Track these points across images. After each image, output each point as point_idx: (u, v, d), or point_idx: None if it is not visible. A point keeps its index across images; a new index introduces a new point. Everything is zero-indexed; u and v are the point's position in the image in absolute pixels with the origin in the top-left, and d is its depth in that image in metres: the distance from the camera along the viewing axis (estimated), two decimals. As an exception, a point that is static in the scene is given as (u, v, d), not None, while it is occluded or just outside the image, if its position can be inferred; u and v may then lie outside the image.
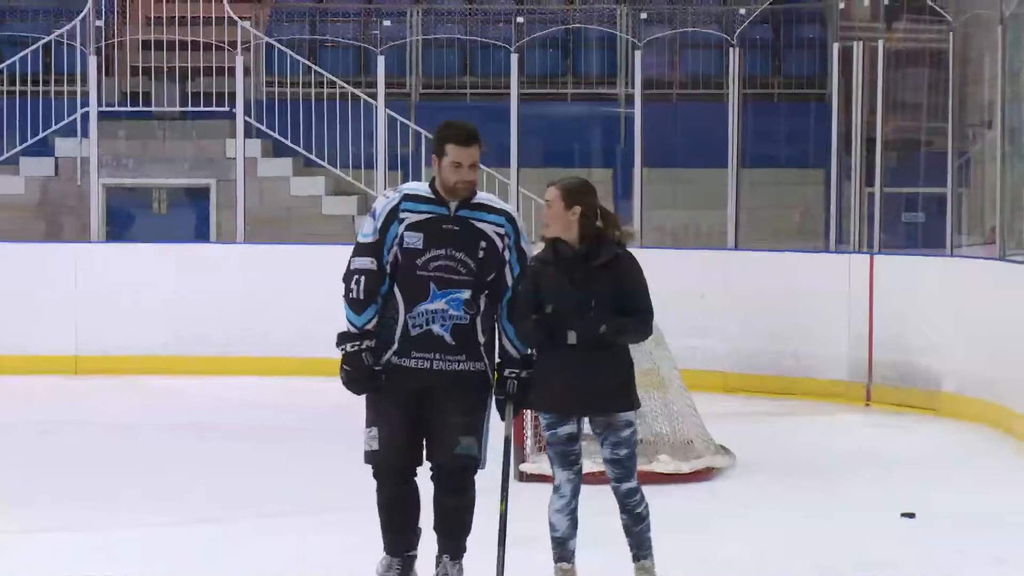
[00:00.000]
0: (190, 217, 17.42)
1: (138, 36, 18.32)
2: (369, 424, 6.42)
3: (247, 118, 16.36)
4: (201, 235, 16.84)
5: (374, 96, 16.23)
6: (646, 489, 6.68)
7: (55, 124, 16.89)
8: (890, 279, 13.21)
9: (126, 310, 14.50)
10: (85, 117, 16.36)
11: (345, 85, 16.83)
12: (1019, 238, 12.29)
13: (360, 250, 6.43)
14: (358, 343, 6.38)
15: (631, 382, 6.68)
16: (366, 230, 6.43)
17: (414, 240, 6.31)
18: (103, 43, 17.21)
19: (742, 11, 16.78)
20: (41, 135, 16.94)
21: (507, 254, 6.41)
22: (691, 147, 15.92)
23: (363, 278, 6.35)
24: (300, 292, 14.13)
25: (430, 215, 6.35)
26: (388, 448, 6.33)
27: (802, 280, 13.79)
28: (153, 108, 17.87)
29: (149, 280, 14.71)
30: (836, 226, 14.76)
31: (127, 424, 12.09)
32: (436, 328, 6.31)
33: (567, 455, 6.59)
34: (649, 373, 9.64)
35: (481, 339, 6.41)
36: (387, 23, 18.02)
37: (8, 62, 16.99)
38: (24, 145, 16.91)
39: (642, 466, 9.42)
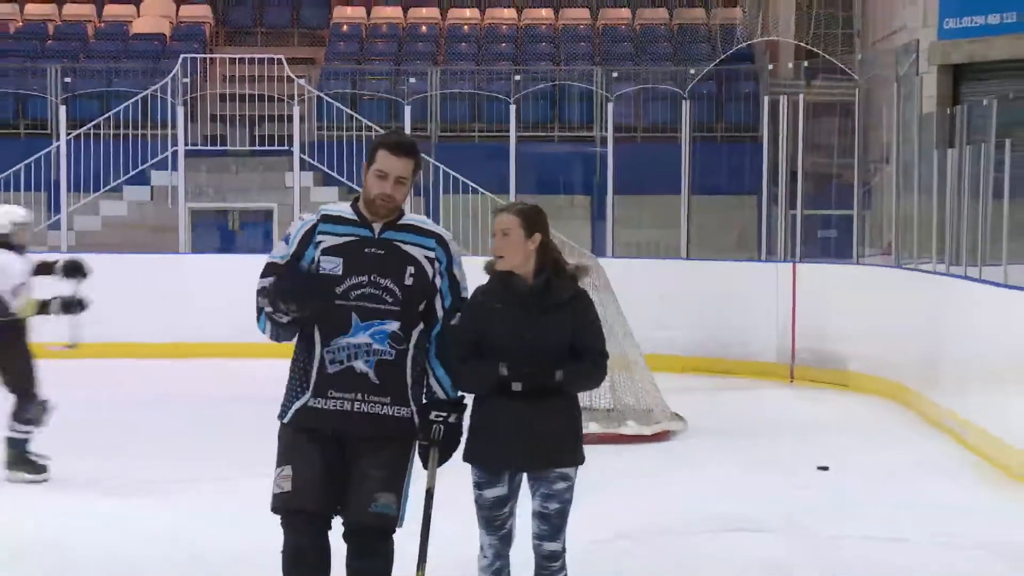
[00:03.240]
0: (257, 233, 17.42)
1: (216, 90, 18.34)
2: (279, 463, 4.45)
3: (302, 155, 16.39)
4: (266, 248, 16.83)
5: (402, 137, 16.20)
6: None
7: (151, 160, 16.89)
8: (809, 282, 13.22)
9: (207, 307, 14.48)
10: (175, 154, 16.42)
11: (379, 129, 16.82)
12: (910, 250, 12.29)
13: (269, 270, 4.58)
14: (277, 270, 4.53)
15: (579, 434, 4.72)
16: (276, 252, 4.62)
17: (332, 265, 4.46)
18: (188, 96, 17.20)
19: (692, 71, 16.76)
20: (140, 168, 16.93)
21: (438, 281, 4.54)
22: (652, 178, 15.90)
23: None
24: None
25: (351, 238, 4.50)
26: (302, 491, 4.37)
27: (739, 283, 13.80)
28: (228, 147, 17.89)
29: (225, 283, 14.63)
30: (766, 240, 14.76)
31: (208, 396, 12.10)
32: (359, 365, 4.41)
33: (493, 520, 4.64)
34: (619, 357, 9.65)
35: (410, 381, 4.49)
36: (412, 80, 18.00)
37: (114, 111, 16.99)
38: (127, 176, 16.92)
39: (612, 430, 9.54)
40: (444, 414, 4.53)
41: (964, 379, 10.03)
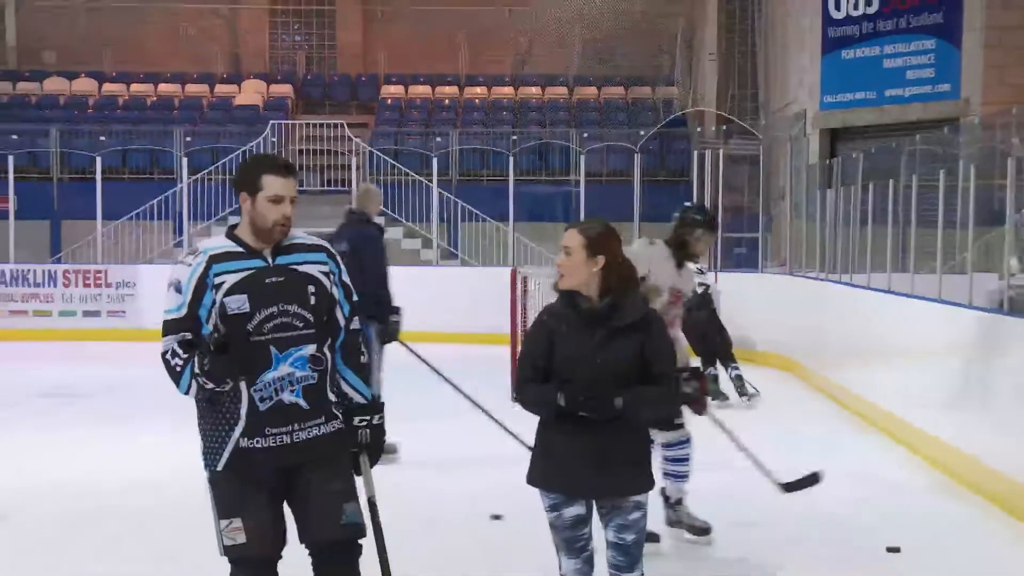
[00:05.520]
0: (326, 250, 17.41)
1: (296, 147, 18.42)
2: (226, 514, 3.31)
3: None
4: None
5: (431, 180, 16.32)
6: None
7: (249, 198, 16.97)
8: (728, 285, 13.27)
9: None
10: (266, 194, 16.49)
11: (414, 174, 16.91)
12: (800, 263, 12.39)
13: (169, 327, 3.32)
14: (187, 352, 3.28)
15: (648, 459, 3.50)
16: (170, 304, 3.32)
17: (238, 304, 3.28)
18: (276, 151, 17.30)
19: (642, 132, 16.88)
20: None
21: (335, 291, 3.45)
22: (613, 210, 15.82)
23: (178, 347, 3.30)
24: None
25: (249, 271, 3.33)
26: (256, 542, 3.29)
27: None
28: (305, 188, 17.79)
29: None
30: (696, 256, 14.82)
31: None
32: (287, 396, 3.31)
33: (574, 541, 3.42)
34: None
35: (332, 396, 3.41)
36: (438, 139, 18.08)
37: (222, 161, 17.06)
38: (231, 209, 16.90)
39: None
40: (367, 418, 3.45)
41: (838, 356, 10.14)
